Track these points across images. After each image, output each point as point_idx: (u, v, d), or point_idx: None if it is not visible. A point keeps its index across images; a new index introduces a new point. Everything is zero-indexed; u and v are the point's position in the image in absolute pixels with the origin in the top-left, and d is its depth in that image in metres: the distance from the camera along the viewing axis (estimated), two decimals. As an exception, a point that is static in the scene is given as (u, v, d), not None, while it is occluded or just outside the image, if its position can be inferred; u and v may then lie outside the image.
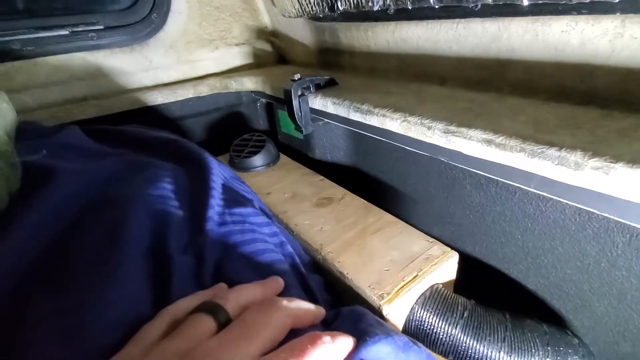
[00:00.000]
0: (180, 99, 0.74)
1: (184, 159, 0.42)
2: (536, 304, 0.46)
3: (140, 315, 0.22)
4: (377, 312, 0.37)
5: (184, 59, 0.78)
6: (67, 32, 0.67)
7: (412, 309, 0.39)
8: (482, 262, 0.51)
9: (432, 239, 0.45)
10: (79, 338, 0.20)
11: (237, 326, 0.20)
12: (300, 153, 0.74)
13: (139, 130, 0.50)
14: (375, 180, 0.65)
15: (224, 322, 0.21)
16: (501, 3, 0.34)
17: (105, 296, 0.22)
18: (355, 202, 0.54)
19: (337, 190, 0.58)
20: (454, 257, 0.43)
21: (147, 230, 0.28)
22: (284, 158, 0.73)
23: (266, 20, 0.85)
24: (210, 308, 0.21)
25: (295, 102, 0.59)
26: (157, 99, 0.71)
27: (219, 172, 0.41)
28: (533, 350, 0.35)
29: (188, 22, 0.75)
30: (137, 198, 0.30)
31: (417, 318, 0.39)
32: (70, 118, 0.64)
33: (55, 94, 0.68)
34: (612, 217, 0.30)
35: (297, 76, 0.58)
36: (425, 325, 0.38)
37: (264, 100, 0.84)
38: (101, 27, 0.69)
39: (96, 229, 0.27)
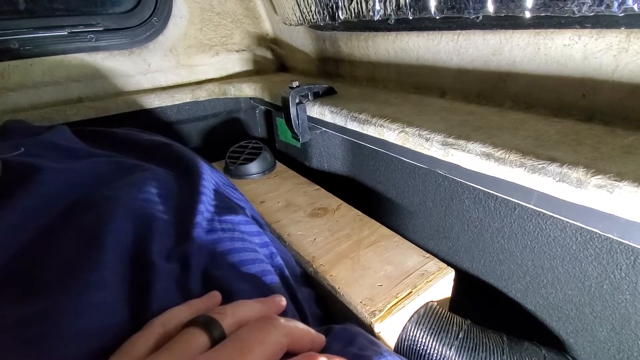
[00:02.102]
0: (178, 103, 0.73)
1: (175, 163, 0.41)
2: (535, 325, 0.44)
3: (114, 324, 0.20)
4: (369, 330, 0.36)
5: (183, 64, 0.77)
6: (65, 33, 0.66)
7: (405, 327, 0.38)
8: (480, 279, 0.49)
9: (428, 254, 0.44)
10: (43, 349, 0.18)
11: (232, 343, 0.19)
12: (297, 161, 0.73)
13: (131, 133, 0.49)
14: (372, 191, 0.64)
15: (217, 338, 0.20)
16: (503, 15, 0.34)
17: (75, 304, 0.20)
18: (350, 213, 0.53)
19: (333, 201, 0.57)
20: (450, 274, 0.41)
21: (127, 234, 0.26)
22: (280, 166, 0.72)
23: (267, 27, 0.85)
24: (205, 322, 0.20)
25: (292, 110, 0.58)
26: (154, 102, 0.70)
27: (210, 177, 0.40)
28: (531, 377, 0.33)
29: (189, 26, 0.75)
30: (120, 200, 0.29)
31: (410, 337, 0.37)
32: (63, 119, 0.63)
33: (50, 94, 0.67)
34: (615, 237, 0.28)
35: (295, 84, 0.57)
36: (418, 345, 0.36)
37: (262, 107, 0.83)
38: (100, 28, 0.68)
39: (73, 232, 0.26)
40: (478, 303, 0.50)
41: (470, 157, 0.34)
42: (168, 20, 0.72)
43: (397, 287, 0.39)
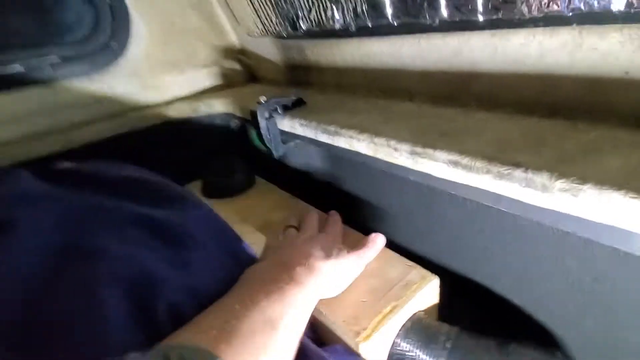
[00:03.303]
0: (147, 125, 0.71)
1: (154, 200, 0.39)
2: (522, 322, 0.44)
3: None
4: (354, 351, 0.35)
5: (149, 85, 0.75)
6: (21, 68, 0.64)
7: (393, 342, 0.37)
8: (466, 279, 0.49)
9: (411, 263, 0.43)
10: None
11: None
12: (277, 174, 0.71)
13: (99, 170, 0.47)
14: (354, 198, 0.63)
15: None
16: (457, 20, 0.33)
17: None
18: (331, 226, 0.52)
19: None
20: (435, 281, 0.41)
21: (125, 292, 0.25)
22: (259, 180, 0.71)
23: (233, 39, 0.84)
24: None
25: (262, 125, 0.57)
26: (122, 127, 0.68)
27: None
28: (520, 381, 0.33)
29: (150, 47, 0.73)
30: (109, 252, 0.28)
31: (399, 352, 0.37)
32: (27, 156, 0.61)
33: (12, 131, 0.65)
34: (587, 237, 0.28)
35: (262, 98, 0.56)
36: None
37: (237, 121, 0.82)
38: (58, 61, 0.66)
39: (68, 286, 0.25)
40: (466, 304, 0.49)
41: (438, 165, 0.34)
42: (127, 42, 0.70)
43: (382, 302, 0.38)
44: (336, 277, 0.38)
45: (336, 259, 0.37)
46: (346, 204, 0.64)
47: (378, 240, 0.45)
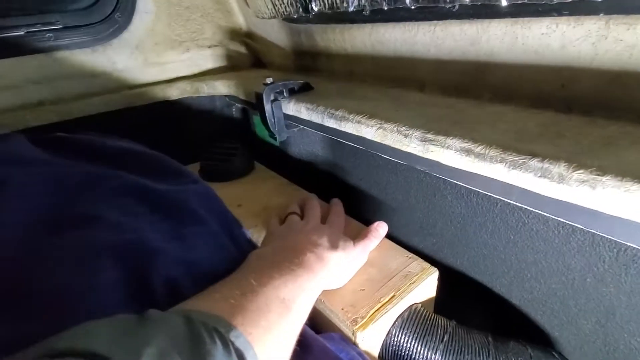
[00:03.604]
0: (147, 103, 0.69)
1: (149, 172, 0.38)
2: (520, 320, 0.44)
3: None
4: (351, 339, 0.34)
5: (151, 61, 0.73)
6: (22, 33, 0.62)
7: (389, 332, 0.36)
8: (464, 275, 0.49)
9: (411, 255, 0.43)
10: None
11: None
12: (277, 160, 0.70)
13: (95, 140, 0.45)
14: (354, 188, 0.62)
15: None
16: (479, 4, 0.32)
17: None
18: (332, 214, 0.51)
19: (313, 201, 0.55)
20: (434, 274, 0.40)
21: (119, 257, 0.24)
22: (258, 166, 0.69)
23: (240, 21, 0.82)
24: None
25: (267, 108, 0.55)
26: (121, 103, 0.66)
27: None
28: (518, 377, 0.32)
29: (155, 22, 0.71)
30: (103, 220, 0.27)
31: (395, 342, 0.36)
32: (22, 125, 0.59)
33: (8, 99, 0.62)
34: (598, 233, 0.27)
35: (269, 80, 0.55)
36: (404, 351, 0.35)
37: (239, 105, 0.80)
38: (59, 26, 0.63)
39: (63, 253, 0.23)
40: (463, 299, 0.49)
41: (449, 153, 0.33)
42: (132, 15, 0.68)
43: (380, 291, 0.37)
44: (343, 269, 0.37)
45: (344, 250, 0.37)
46: (346, 194, 0.63)
47: (380, 230, 0.44)
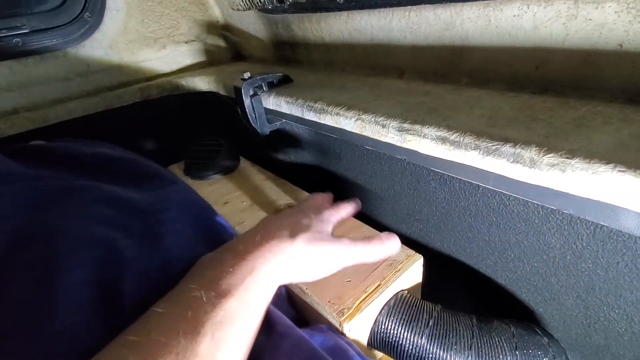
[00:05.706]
0: (126, 104, 0.68)
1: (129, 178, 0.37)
2: (505, 299, 0.45)
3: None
4: (339, 330, 0.35)
5: (127, 60, 0.71)
6: (-13, 39, 0.60)
7: (376, 320, 0.37)
8: (451, 258, 0.49)
9: (396, 242, 0.43)
10: None
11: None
12: (262, 155, 0.70)
13: (70, 146, 0.44)
14: (341, 179, 0.62)
15: None
16: (448, -14, 0.32)
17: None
18: (317, 207, 0.51)
19: (299, 195, 0.55)
20: (419, 261, 0.41)
21: (86, 270, 0.24)
22: (244, 162, 0.69)
23: (217, 13, 0.80)
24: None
25: (247, 103, 0.54)
26: (99, 105, 0.65)
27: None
28: (501, 356, 0.33)
29: (127, 19, 0.69)
30: (69, 232, 0.26)
31: (382, 330, 0.36)
32: (5, 133, 0.58)
33: (-21, 108, 0.61)
34: (572, 213, 0.28)
35: (246, 75, 0.54)
36: (391, 337, 0.36)
37: (220, 100, 0.79)
38: (26, 30, 0.61)
39: (24, 269, 0.23)
40: (450, 282, 0.50)
41: (426, 142, 0.33)
42: (103, 14, 0.66)
43: (366, 281, 0.38)
44: (309, 261, 0.31)
45: (308, 242, 0.30)
46: (333, 185, 0.63)
47: (386, 241, 0.35)
